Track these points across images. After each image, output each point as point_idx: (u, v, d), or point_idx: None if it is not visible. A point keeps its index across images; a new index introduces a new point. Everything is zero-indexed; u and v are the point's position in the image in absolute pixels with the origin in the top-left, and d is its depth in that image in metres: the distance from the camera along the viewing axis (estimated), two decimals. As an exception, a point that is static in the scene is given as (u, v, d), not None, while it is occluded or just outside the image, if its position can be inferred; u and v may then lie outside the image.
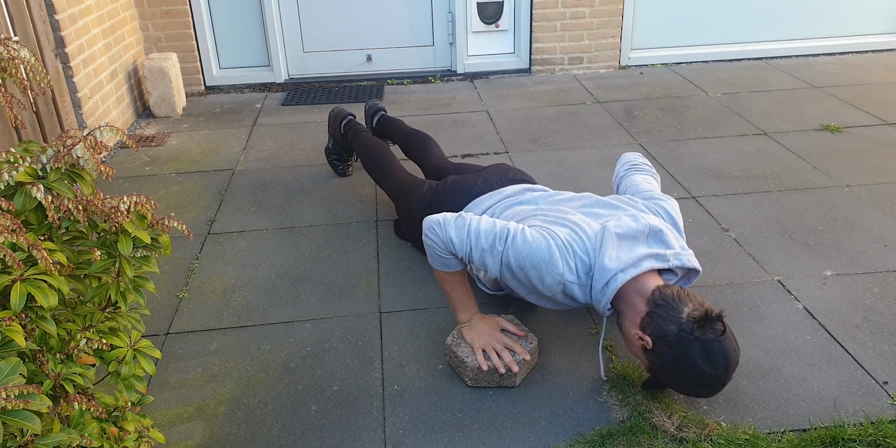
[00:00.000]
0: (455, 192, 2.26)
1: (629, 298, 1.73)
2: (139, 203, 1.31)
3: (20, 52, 1.39)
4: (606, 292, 1.73)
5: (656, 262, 1.76)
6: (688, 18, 4.53)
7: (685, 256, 1.81)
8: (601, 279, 1.73)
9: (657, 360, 1.66)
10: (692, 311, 1.62)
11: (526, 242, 1.74)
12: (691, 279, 1.90)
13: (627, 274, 1.71)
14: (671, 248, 1.80)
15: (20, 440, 1.06)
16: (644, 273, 1.74)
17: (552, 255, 1.73)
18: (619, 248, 1.76)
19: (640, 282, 1.73)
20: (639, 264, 1.73)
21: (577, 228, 1.80)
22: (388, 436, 1.72)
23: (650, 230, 1.81)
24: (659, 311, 1.65)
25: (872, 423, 1.69)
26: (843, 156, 3.15)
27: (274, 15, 4.17)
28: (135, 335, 1.36)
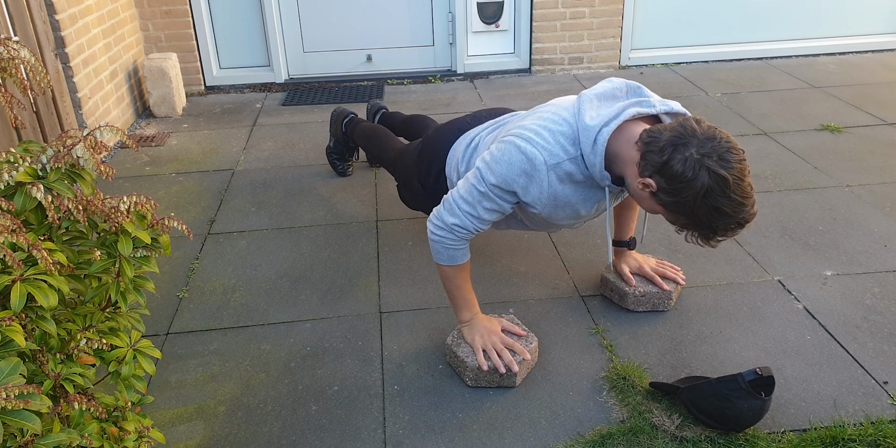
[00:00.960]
0: (445, 132, 2.20)
1: (623, 152, 1.63)
2: (139, 203, 1.31)
3: (20, 52, 1.39)
4: (597, 151, 1.63)
5: (640, 107, 1.66)
6: (688, 18, 4.53)
7: (671, 102, 1.71)
8: (587, 140, 1.63)
9: (668, 199, 1.56)
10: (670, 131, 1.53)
11: (497, 163, 1.68)
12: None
13: (611, 126, 1.62)
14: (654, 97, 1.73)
15: (20, 440, 1.06)
16: (629, 123, 1.65)
17: (525, 152, 1.65)
18: (598, 108, 1.68)
19: (629, 132, 1.63)
20: (621, 113, 1.64)
21: (549, 109, 1.73)
22: (388, 436, 1.72)
23: (628, 87, 1.74)
24: (649, 149, 1.55)
25: (872, 423, 1.69)
26: (843, 156, 3.15)
27: (274, 15, 4.17)
28: (135, 335, 1.36)
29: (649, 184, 1.57)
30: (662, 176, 1.54)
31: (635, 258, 2.20)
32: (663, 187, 1.55)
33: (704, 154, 1.49)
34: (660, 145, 1.53)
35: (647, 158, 1.56)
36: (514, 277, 2.34)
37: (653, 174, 1.56)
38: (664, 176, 1.54)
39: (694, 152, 1.50)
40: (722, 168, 1.49)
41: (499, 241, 2.56)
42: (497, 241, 2.55)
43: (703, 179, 1.49)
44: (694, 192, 1.51)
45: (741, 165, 1.52)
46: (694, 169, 1.49)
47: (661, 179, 1.55)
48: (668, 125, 1.57)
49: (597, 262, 2.40)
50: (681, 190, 1.52)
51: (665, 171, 1.53)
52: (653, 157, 1.55)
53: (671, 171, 1.52)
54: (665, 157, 1.52)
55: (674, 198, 1.55)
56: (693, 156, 1.50)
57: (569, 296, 2.23)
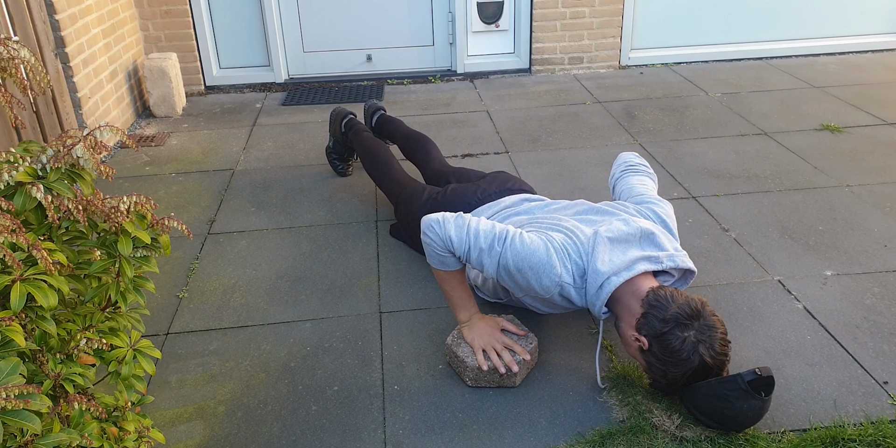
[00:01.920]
0: (454, 202, 2.28)
1: (625, 301, 1.74)
2: (139, 203, 1.31)
3: (20, 52, 1.39)
4: (601, 295, 1.74)
5: (649, 264, 1.77)
6: (688, 18, 4.53)
7: (678, 257, 1.82)
8: (595, 283, 1.74)
9: (654, 360, 1.68)
10: (678, 308, 1.64)
11: (524, 244, 1.75)
12: (688, 280, 1.91)
13: (621, 277, 1.73)
14: (664, 251, 1.82)
15: (20, 440, 1.06)
16: (638, 276, 1.75)
17: (550, 257, 1.74)
18: (611, 252, 1.77)
19: (635, 284, 1.74)
20: (632, 267, 1.75)
21: (570, 233, 1.82)
22: (388, 436, 1.72)
23: (642, 233, 1.83)
24: (653, 312, 1.67)
25: (872, 423, 1.69)
26: (843, 156, 3.15)
27: (274, 15, 4.17)
28: (135, 335, 1.36)
29: (642, 341, 1.68)
30: (657, 343, 1.66)
31: None
32: (654, 352, 1.67)
33: (701, 340, 1.63)
34: (664, 316, 1.65)
35: (649, 321, 1.67)
36: (514, 277, 2.34)
37: (648, 336, 1.67)
38: (659, 344, 1.66)
39: (692, 335, 1.63)
40: (710, 358, 1.63)
41: (499, 241, 2.56)
42: (497, 241, 2.55)
43: (693, 363, 1.63)
44: (681, 369, 1.65)
45: (726, 358, 1.66)
46: (689, 351, 1.63)
47: (655, 344, 1.66)
48: (676, 296, 1.68)
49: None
50: (670, 363, 1.65)
51: (661, 340, 1.65)
52: (654, 322, 1.66)
53: (667, 343, 1.64)
54: (666, 329, 1.64)
55: (660, 365, 1.67)
56: (691, 339, 1.63)
57: (569, 296, 2.23)
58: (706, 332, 1.63)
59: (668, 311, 1.65)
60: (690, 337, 1.62)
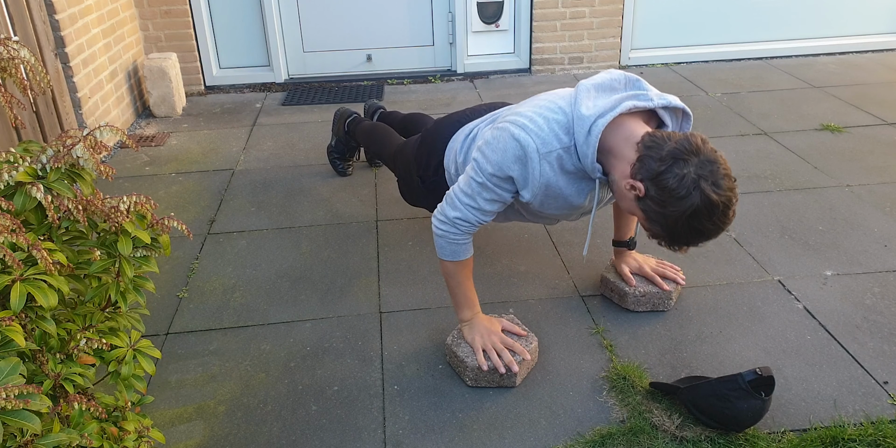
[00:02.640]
0: (444, 126, 2.20)
1: (617, 148, 1.62)
2: (139, 203, 1.31)
3: (20, 52, 1.39)
4: (590, 141, 1.61)
5: (637, 101, 1.64)
6: (688, 18, 4.53)
7: (670, 96, 1.71)
8: (581, 130, 1.62)
9: (653, 206, 1.56)
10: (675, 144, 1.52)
11: (492, 150, 1.69)
12: (685, 126, 1.78)
13: (607, 118, 1.60)
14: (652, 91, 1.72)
15: (20, 440, 1.06)
16: (627, 117, 1.64)
17: (518, 138, 1.65)
18: (595, 98, 1.66)
19: (627, 129, 1.62)
20: (618, 105, 1.62)
21: (546, 97, 1.72)
22: (388, 436, 1.72)
23: (626, 79, 1.72)
24: (648, 153, 1.54)
25: (872, 423, 1.69)
26: (843, 156, 3.15)
27: (274, 15, 4.17)
28: (135, 335, 1.36)
29: (638, 187, 1.57)
30: (654, 184, 1.53)
31: (635, 258, 2.20)
32: (651, 196, 1.55)
33: (702, 175, 1.50)
34: (661, 154, 1.52)
35: (644, 163, 1.55)
36: (514, 277, 2.34)
37: (644, 180, 1.55)
38: (656, 185, 1.53)
39: (692, 171, 1.50)
40: (714, 193, 1.50)
41: (499, 240, 2.56)
42: (497, 241, 2.55)
43: (693, 200, 1.50)
44: (681, 210, 1.52)
45: (731, 194, 1.53)
46: (688, 188, 1.50)
47: (651, 187, 1.54)
48: (673, 135, 1.56)
49: (597, 262, 2.40)
50: (669, 203, 1.52)
51: (659, 181, 1.52)
52: (650, 163, 1.53)
53: (665, 183, 1.52)
54: (663, 167, 1.52)
55: (659, 208, 1.55)
56: (691, 174, 1.50)
57: (569, 296, 2.23)
58: (707, 166, 1.50)
59: (663, 149, 1.52)
60: (690, 173, 1.49)
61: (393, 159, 2.52)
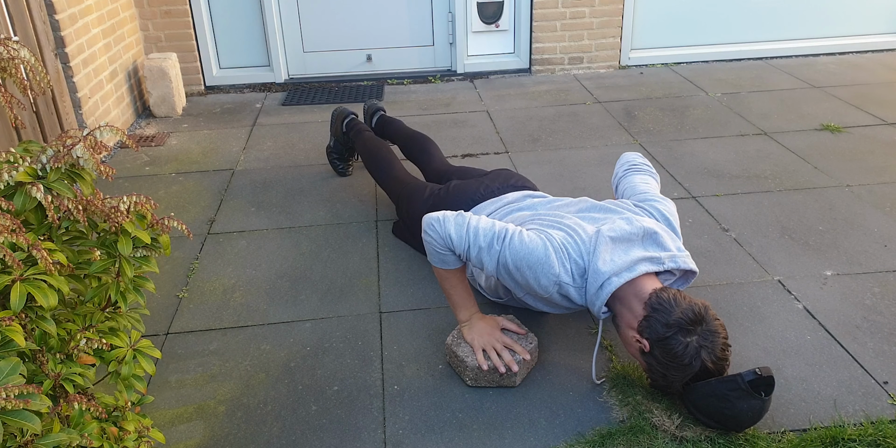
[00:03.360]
0: (457, 198, 2.27)
1: (626, 301, 1.74)
2: (139, 203, 1.31)
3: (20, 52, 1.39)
4: (601, 296, 1.74)
5: (651, 265, 1.77)
6: (688, 18, 4.53)
7: (681, 258, 1.81)
8: (595, 282, 1.74)
9: (655, 363, 1.68)
10: (681, 313, 1.64)
11: (523, 243, 1.75)
12: (689, 280, 1.91)
13: (622, 278, 1.72)
14: (667, 251, 1.81)
15: (20, 440, 1.06)
16: (639, 276, 1.75)
17: (548, 256, 1.74)
18: (613, 252, 1.77)
19: (637, 285, 1.74)
20: (633, 268, 1.74)
21: (572, 232, 1.81)
22: (388, 436, 1.72)
23: (644, 233, 1.82)
24: (656, 316, 1.66)
25: (872, 423, 1.69)
26: (843, 156, 3.15)
27: (274, 15, 4.17)
28: (135, 335, 1.36)
29: (644, 343, 1.68)
30: (659, 347, 1.66)
31: None
32: (655, 355, 1.67)
33: (703, 345, 1.63)
34: (667, 320, 1.64)
35: (651, 324, 1.67)
36: (514, 277, 2.34)
37: (651, 340, 1.67)
38: (661, 348, 1.65)
39: (695, 341, 1.63)
40: (712, 363, 1.64)
41: (499, 241, 2.56)
42: (497, 241, 2.55)
43: (694, 368, 1.63)
44: (682, 374, 1.66)
45: (726, 363, 1.67)
46: (690, 357, 1.63)
47: (656, 348, 1.66)
48: (679, 300, 1.67)
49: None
50: (671, 366, 1.65)
51: (663, 345, 1.65)
52: (657, 326, 1.65)
53: (670, 348, 1.64)
54: (669, 333, 1.64)
55: (660, 367, 1.68)
56: (693, 344, 1.63)
57: (569, 296, 2.23)
58: (709, 337, 1.63)
59: (671, 315, 1.64)
60: (693, 342, 1.62)
61: (394, 195, 2.55)
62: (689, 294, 1.71)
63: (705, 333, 1.63)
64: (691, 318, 1.63)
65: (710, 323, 1.64)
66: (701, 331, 1.63)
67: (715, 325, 1.65)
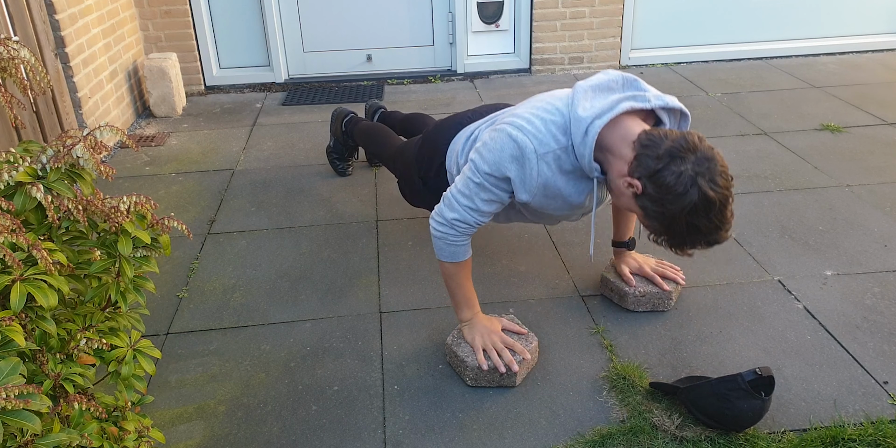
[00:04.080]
0: (446, 129, 2.20)
1: (615, 147, 1.63)
2: (139, 203, 1.31)
3: (20, 52, 1.39)
4: (587, 142, 1.63)
5: (635, 102, 1.65)
6: (688, 18, 4.53)
7: (668, 97, 1.71)
8: (578, 131, 1.63)
9: (650, 204, 1.58)
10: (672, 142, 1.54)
11: (489, 150, 1.70)
12: (683, 125, 1.79)
13: (603, 119, 1.61)
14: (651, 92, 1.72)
15: (20, 440, 1.06)
16: (624, 116, 1.64)
17: (515, 139, 1.66)
18: (592, 99, 1.67)
19: (624, 127, 1.63)
20: (615, 107, 1.63)
21: (543, 98, 1.74)
22: (388, 436, 1.72)
23: (624, 80, 1.73)
24: (645, 152, 1.55)
25: (872, 423, 1.69)
26: (843, 156, 3.15)
27: (274, 15, 4.17)
28: (135, 335, 1.36)
29: (635, 185, 1.58)
30: (652, 182, 1.55)
31: (635, 258, 2.20)
32: (649, 193, 1.57)
33: (699, 172, 1.52)
34: (658, 152, 1.54)
35: (641, 161, 1.56)
36: (514, 277, 2.34)
37: (642, 177, 1.57)
38: (654, 183, 1.55)
39: (690, 168, 1.52)
40: (711, 190, 1.52)
41: (499, 240, 2.56)
42: (497, 241, 2.55)
43: (691, 197, 1.52)
44: (679, 207, 1.53)
45: (728, 192, 1.55)
46: (685, 185, 1.51)
47: (649, 185, 1.56)
48: (670, 133, 1.57)
49: (597, 262, 2.40)
50: (667, 201, 1.54)
51: (656, 178, 1.54)
52: (647, 161, 1.55)
53: (663, 180, 1.53)
54: (660, 165, 1.53)
55: (657, 206, 1.57)
56: (688, 171, 1.52)
57: (569, 296, 2.23)
58: (703, 163, 1.52)
59: (661, 147, 1.53)
60: (688, 170, 1.51)
61: (393, 160, 2.51)
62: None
63: (699, 160, 1.52)
64: (683, 146, 1.52)
65: (704, 150, 1.53)
66: (695, 158, 1.52)
67: (710, 152, 1.54)
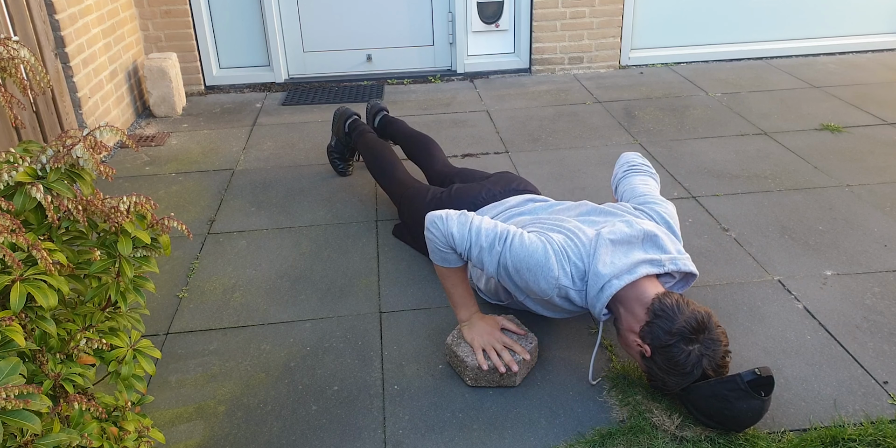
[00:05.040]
0: (459, 201, 2.28)
1: (628, 304, 1.74)
2: (139, 203, 1.31)
3: (20, 52, 1.39)
4: (601, 298, 1.74)
5: (651, 267, 1.76)
6: (688, 18, 4.53)
7: (681, 261, 1.81)
8: (596, 285, 1.74)
9: (655, 368, 1.69)
10: (685, 321, 1.64)
11: (523, 245, 1.75)
12: (689, 282, 1.91)
13: (622, 280, 1.72)
14: (667, 253, 1.81)
15: (20, 440, 1.06)
16: (641, 279, 1.75)
17: (548, 259, 1.73)
18: (613, 254, 1.77)
19: (639, 288, 1.74)
20: (634, 270, 1.74)
21: (572, 235, 1.81)
22: (388, 436, 1.72)
23: (645, 235, 1.82)
24: (658, 322, 1.66)
25: (872, 422, 1.69)
26: (843, 156, 3.15)
27: (274, 15, 4.17)
28: (135, 335, 1.36)
29: (645, 350, 1.70)
30: (661, 354, 1.67)
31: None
32: (657, 361, 1.68)
33: (705, 354, 1.64)
34: (670, 328, 1.64)
35: (654, 331, 1.67)
36: (514, 277, 2.34)
37: (652, 346, 1.68)
38: (663, 355, 1.66)
39: (697, 349, 1.64)
40: (713, 370, 1.65)
41: (499, 240, 2.56)
42: (497, 241, 2.55)
43: (695, 375, 1.65)
44: (681, 379, 1.67)
45: (726, 369, 1.68)
46: (692, 364, 1.64)
47: (658, 355, 1.67)
48: (682, 307, 1.67)
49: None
50: (671, 373, 1.67)
51: (665, 352, 1.66)
52: (659, 333, 1.66)
53: (672, 356, 1.65)
54: (671, 341, 1.64)
55: (661, 373, 1.69)
56: (695, 353, 1.64)
57: (569, 296, 2.23)
58: (710, 346, 1.64)
59: (674, 323, 1.64)
60: (695, 351, 1.63)
61: (397, 199, 2.55)
62: (691, 299, 1.71)
63: (707, 342, 1.63)
64: (694, 327, 1.63)
65: (712, 331, 1.65)
66: (703, 339, 1.63)
67: (717, 334, 1.65)
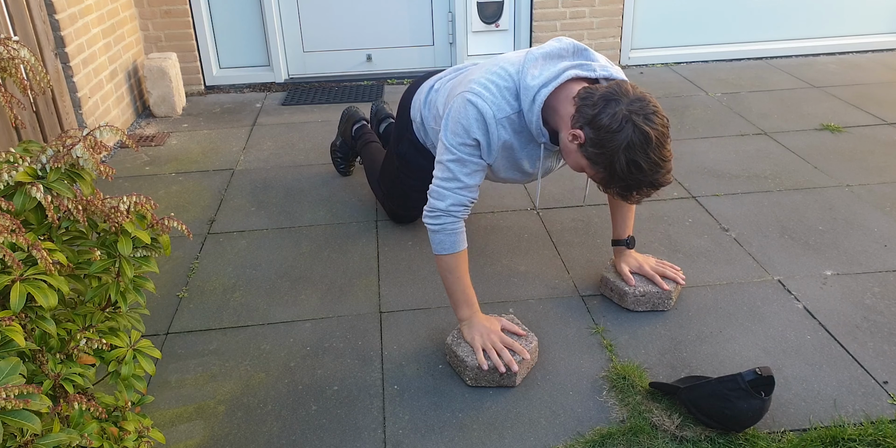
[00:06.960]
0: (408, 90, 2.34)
1: (560, 107, 1.73)
2: (139, 203, 1.31)
3: (20, 51, 1.39)
4: (533, 109, 1.74)
5: (580, 70, 1.74)
6: (688, 18, 4.53)
7: (612, 69, 1.80)
8: (527, 98, 1.75)
9: (593, 149, 1.65)
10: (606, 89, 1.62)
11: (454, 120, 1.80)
12: None
13: (549, 87, 1.72)
14: (597, 61, 1.81)
15: (20, 440, 1.06)
16: (569, 82, 1.73)
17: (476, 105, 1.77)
18: (542, 67, 1.76)
19: (568, 89, 1.72)
20: (561, 75, 1.73)
21: (497, 64, 1.82)
22: (388, 436, 1.72)
23: (575, 48, 1.81)
24: (584, 103, 1.65)
25: (872, 422, 1.69)
26: (843, 156, 3.15)
27: (274, 15, 4.17)
28: (135, 335, 1.36)
29: (578, 135, 1.67)
30: (591, 127, 1.64)
31: (635, 257, 2.20)
32: (590, 138, 1.64)
33: (632, 111, 1.60)
34: (593, 99, 1.63)
35: (580, 111, 1.66)
36: (514, 277, 2.34)
37: (583, 126, 1.66)
38: (592, 127, 1.63)
39: (623, 108, 1.60)
40: (646, 125, 1.59)
41: (499, 240, 2.56)
42: (497, 241, 2.55)
43: (627, 133, 1.59)
44: (617, 144, 1.60)
45: (663, 129, 1.62)
46: (620, 122, 1.59)
47: (589, 130, 1.64)
48: (604, 85, 1.68)
49: (597, 262, 2.40)
50: (606, 141, 1.61)
51: (594, 122, 1.63)
52: (585, 109, 1.65)
53: (600, 122, 1.62)
54: (596, 110, 1.62)
55: (597, 148, 1.64)
56: (622, 111, 1.60)
57: (569, 296, 2.23)
58: (637, 103, 1.60)
59: (595, 96, 1.63)
60: (622, 110, 1.59)
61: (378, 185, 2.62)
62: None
63: (633, 101, 1.60)
64: (616, 91, 1.61)
65: (636, 93, 1.62)
66: (628, 100, 1.60)
67: (643, 95, 1.62)
